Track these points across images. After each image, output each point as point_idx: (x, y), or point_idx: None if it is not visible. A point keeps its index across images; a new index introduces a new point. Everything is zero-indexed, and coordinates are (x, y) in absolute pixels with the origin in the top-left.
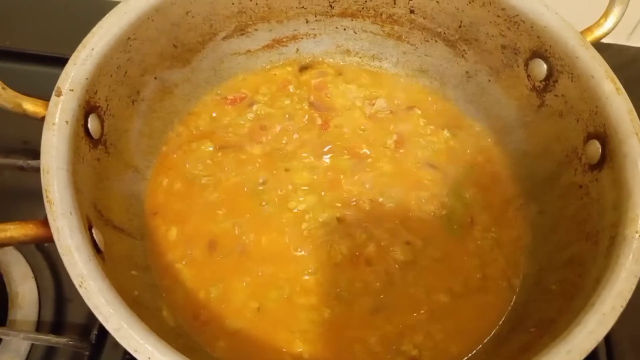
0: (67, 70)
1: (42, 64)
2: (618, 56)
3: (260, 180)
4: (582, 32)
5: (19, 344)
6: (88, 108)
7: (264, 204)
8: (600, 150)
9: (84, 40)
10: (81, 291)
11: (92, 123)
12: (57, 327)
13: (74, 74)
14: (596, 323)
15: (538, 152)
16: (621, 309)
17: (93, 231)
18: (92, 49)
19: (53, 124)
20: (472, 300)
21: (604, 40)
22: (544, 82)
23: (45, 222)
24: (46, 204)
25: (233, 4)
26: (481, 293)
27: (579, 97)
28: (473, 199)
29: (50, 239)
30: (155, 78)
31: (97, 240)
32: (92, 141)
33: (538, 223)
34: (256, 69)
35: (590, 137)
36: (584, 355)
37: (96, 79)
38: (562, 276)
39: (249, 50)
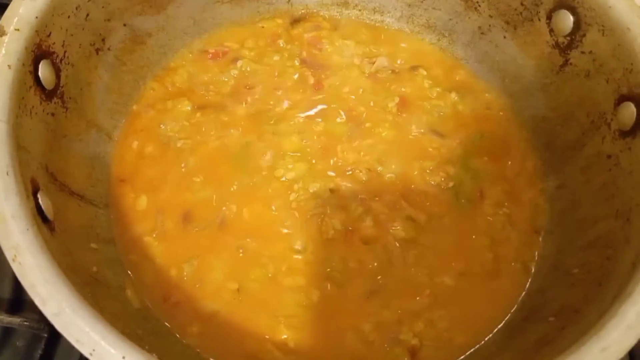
0: (13, 6)
1: None
2: None
3: (244, 145)
4: None
5: None
6: (39, 52)
7: (247, 171)
8: (635, 114)
9: None
10: (14, 266)
11: (45, 71)
12: (15, 305)
13: (21, 12)
14: (636, 316)
15: (559, 119)
16: None
17: (39, 196)
18: None
19: None
20: (480, 284)
21: None
22: (569, 37)
23: None
24: None
25: None
26: (491, 276)
27: (610, 53)
28: (483, 170)
29: None
30: (124, 25)
31: (44, 208)
32: (45, 92)
33: (557, 198)
34: (242, 20)
35: (623, 99)
36: (622, 354)
37: (49, 19)
38: (585, 259)
39: None
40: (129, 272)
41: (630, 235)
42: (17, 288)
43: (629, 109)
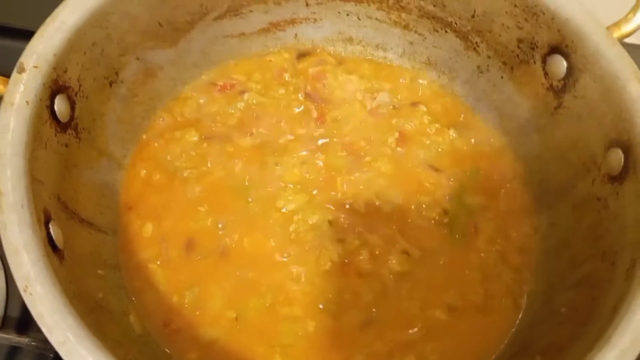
0: (33, 44)
1: (8, 37)
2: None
3: (248, 176)
4: (608, 28)
5: None
6: (55, 88)
7: (249, 201)
8: (622, 161)
9: (54, 13)
10: (25, 296)
11: (60, 104)
12: (24, 324)
13: (40, 49)
14: None
15: (552, 158)
16: None
17: (51, 226)
18: (63, 22)
19: (11, 104)
20: (471, 318)
21: (629, 41)
22: (562, 81)
23: None
24: None
25: None
26: (482, 311)
27: (601, 99)
28: (478, 206)
29: None
30: (137, 59)
31: (54, 237)
32: (60, 125)
33: (549, 236)
34: (250, 54)
35: (612, 144)
36: None
37: (66, 55)
38: (573, 298)
39: (242, 33)
40: (133, 298)
41: (614, 278)
42: (26, 307)
43: (617, 155)
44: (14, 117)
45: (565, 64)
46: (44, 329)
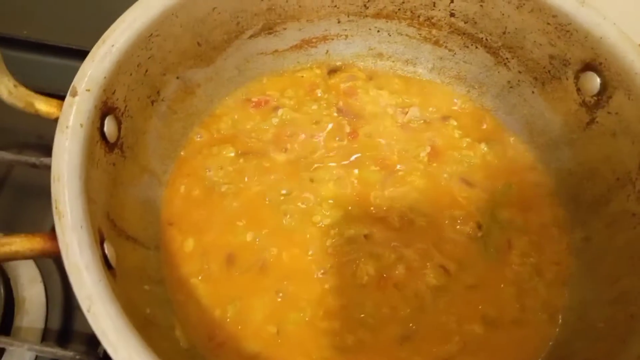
0: (84, 68)
1: (61, 56)
2: None
3: (284, 191)
4: None
5: (24, 354)
6: (105, 109)
7: (287, 216)
8: None
9: (104, 36)
10: (89, 316)
11: (109, 125)
12: (64, 336)
13: (91, 72)
14: None
15: (585, 173)
16: None
17: (105, 245)
18: (112, 45)
19: (67, 127)
20: (508, 332)
21: None
22: (595, 98)
23: (53, 235)
24: (55, 216)
25: (262, 0)
26: (519, 325)
27: (636, 116)
28: (511, 221)
29: (57, 254)
30: (177, 77)
31: (108, 256)
32: (108, 145)
33: (583, 251)
34: (283, 70)
35: None
36: None
37: (115, 77)
38: (610, 314)
39: (276, 50)
40: (177, 311)
41: None
42: (66, 319)
43: None
44: (69, 140)
45: (598, 80)
46: (108, 348)
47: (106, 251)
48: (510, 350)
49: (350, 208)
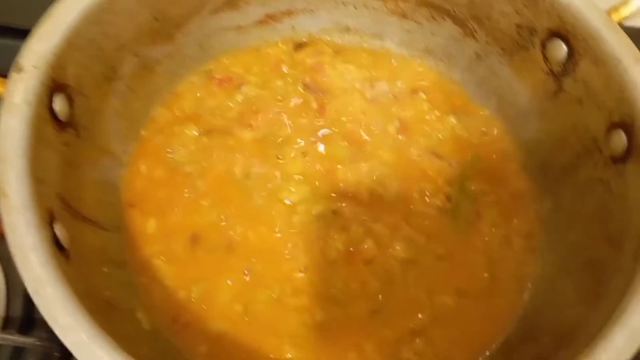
0: (31, 44)
1: (6, 36)
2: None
3: (250, 169)
4: (607, 12)
5: None
6: (54, 87)
7: (253, 194)
8: (625, 142)
9: (51, 11)
10: (36, 299)
11: (60, 104)
12: (26, 324)
13: (38, 48)
14: (625, 340)
15: (553, 142)
16: None
17: (55, 226)
18: (61, 21)
19: (12, 104)
20: (478, 303)
21: (629, 24)
22: (562, 66)
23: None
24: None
25: None
26: (489, 295)
27: (602, 83)
28: (480, 192)
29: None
30: (135, 54)
31: (60, 237)
32: (60, 124)
33: (552, 220)
34: (247, 46)
35: (614, 126)
36: None
37: (64, 54)
38: (579, 281)
39: (239, 26)
40: (140, 294)
41: (621, 260)
42: (28, 306)
43: (620, 137)
44: (14, 118)
45: (565, 48)
46: (57, 331)
47: (57, 232)
48: (480, 320)
49: (318, 184)
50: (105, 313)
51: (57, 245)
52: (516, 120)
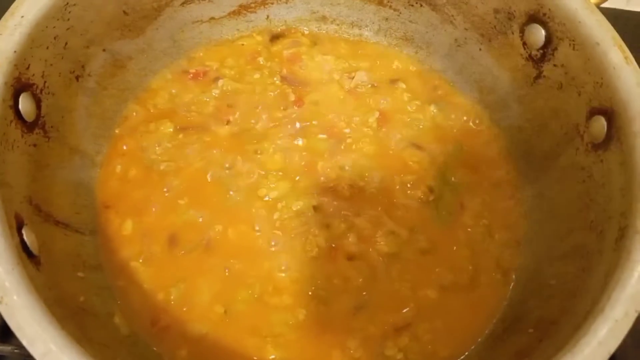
0: None
1: None
2: (614, 22)
3: (227, 165)
4: None
5: None
6: (19, 86)
7: (231, 192)
8: (605, 128)
9: (12, 7)
10: (1, 308)
11: (25, 103)
12: (4, 332)
13: None
14: (607, 332)
15: (534, 129)
16: (636, 315)
17: (24, 231)
18: (22, 17)
19: None
20: (462, 295)
21: (606, 5)
22: (541, 51)
23: None
24: None
25: None
26: (473, 287)
27: (581, 67)
28: (463, 182)
29: None
30: (104, 50)
31: (28, 243)
32: (26, 124)
33: (534, 208)
34: (221, 39)
35: (594, 112)
36: None
37: (28, 51)
38: (562, 269)
39: (212, 18)
40: (117, 298)
41: (602, 247)
42: None
43: (600, 122)
44: None
45: (543, 32)
46: (24, 341)
47: (25, 238)
48: (465, 312)
49: (298, 179)
50: (79, 320)
51: (26, 252)
52: (497, 108)
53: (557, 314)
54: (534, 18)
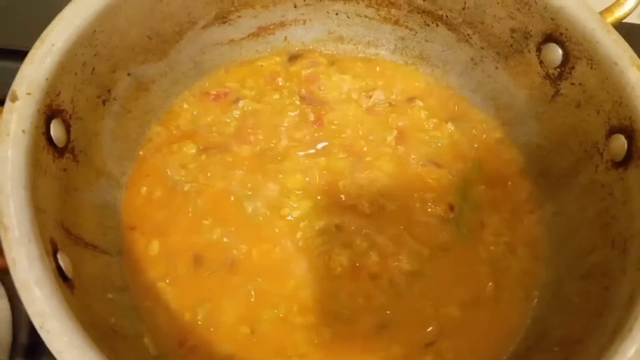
0: (23, 70)
1: (2, 58)
2: (629, 36)
3: (249, 185)
4: (601, 13)
5: None
6: (50, 113)
7: (254, 211)
8: (626, 146)
9: (42, 35)
10: (42, 333)
11: (56, 129)
12: (33, 350)
13: (31, 75)
14: (635, 353)
15: (553, 146)
16: None
17: (59, 256)
18: (52, 45)
19: (7, 134)
20: (485, 313)
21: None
22: (558, 69)
23: (1, 251)
24: (0, 231)
25: None
26: (495, 305)
27: (599, 86)
28: (482, 199)
29: (7, 270)
30: (129, 74)
31: (63, 267)
32: (57, 150)
33: (555, 225)
34: (241, 60)
35: (613, 130)
36: None
37: (58, 78)
38: (585, 287)
39: (232, 40)
40: (145, 318)
41: (626, 266)
42: (34, 333)
43: (620, 141)
44: (11, 148)
45: (560, 51)
46: None
47: (60, 262)
48: (488, 330)
49: (319, 198)
50: (111, 341)
51: (61, 276)
52: (514, 124)
53: (581, 332)
54: (551, 37)
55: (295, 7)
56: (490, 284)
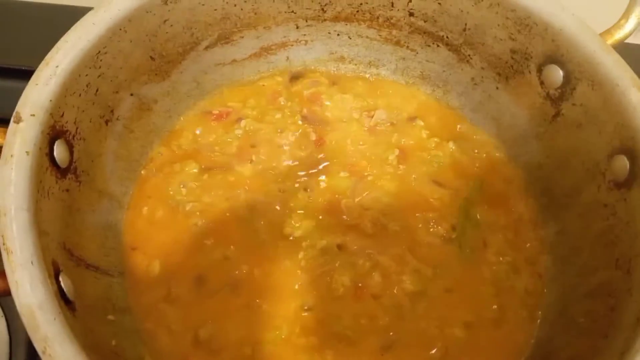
0: (27, 92)
1: (7, 77)
2: (629, 57)
3: (251, 205)
4: (601, 35)
5: None
6: (53, 134)
7: (256, 231)
8: (628, 167)
9: (47, 57)
10: (45, 358)
11: (59, 150)
12: None
13: (35, 96)
14: None
15: (554, 166)
16: None
17: (61, 278)
18: (57, 67)
19: (11, 156)
20: (489, 333)
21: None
22: (559, 90)
23: (3, 274)
24: (3, 253)
25: (216, 10)
26: (499, 325)
27: (601, 107)
28: (484, 219)
29: (9, 293)
30: (132, 94)
31: (65, 289)
32: (60, 171)
33: (558, 245)
34: (243, 80)
35: (615, 151)
36: None
37: (62, 100)
38: (589, 307)
39: (234, 60)
40: (146, 340)
41: (631, 286)
42: (31, 353)
43: (622, 161)
44: (14, 170)
45: (561, 72)
46: None
47: (62, 284)
48: (493, 351)
49: (321, 217)
50: None
51: (63, 298)
52: (516, 144)
53: (588, 354)
54: (552, 59)
55: (297, 27)
56: (494, 304)
